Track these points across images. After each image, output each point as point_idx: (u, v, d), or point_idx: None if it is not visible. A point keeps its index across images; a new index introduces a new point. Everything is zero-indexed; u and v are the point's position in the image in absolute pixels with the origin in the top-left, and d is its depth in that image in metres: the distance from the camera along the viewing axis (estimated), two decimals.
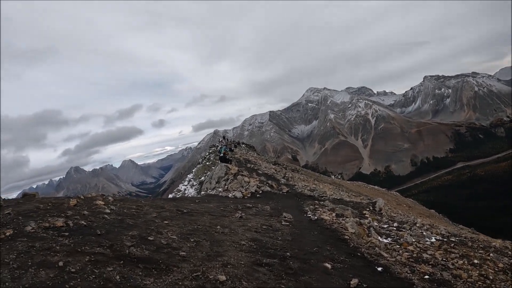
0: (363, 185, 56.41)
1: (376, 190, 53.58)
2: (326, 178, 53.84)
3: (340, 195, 26.52)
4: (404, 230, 11.22)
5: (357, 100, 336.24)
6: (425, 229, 12.41)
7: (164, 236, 7.07)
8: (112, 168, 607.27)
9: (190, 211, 10.47)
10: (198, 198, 17.66)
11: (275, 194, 19.38)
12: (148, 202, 11.63)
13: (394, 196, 50.71)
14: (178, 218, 9.13)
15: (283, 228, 9.28)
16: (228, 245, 7.04)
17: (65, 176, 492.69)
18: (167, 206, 10.89)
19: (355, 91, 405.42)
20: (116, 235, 6.60)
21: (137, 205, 10.17)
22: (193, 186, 35.03)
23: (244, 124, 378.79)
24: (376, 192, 48.29)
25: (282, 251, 7.08)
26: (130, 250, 5.87)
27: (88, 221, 7.33)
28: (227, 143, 49.78)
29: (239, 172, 24.32)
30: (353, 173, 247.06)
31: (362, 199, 31.02)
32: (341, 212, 12.75)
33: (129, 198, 12.52)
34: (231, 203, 15.03)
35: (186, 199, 15.68)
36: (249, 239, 7.66)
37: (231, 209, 12.51)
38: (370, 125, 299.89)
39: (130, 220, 7.99)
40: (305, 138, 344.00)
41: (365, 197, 34.69)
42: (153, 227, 7.59)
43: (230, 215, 10.57)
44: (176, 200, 15.01)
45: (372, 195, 40.35)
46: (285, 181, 26.18)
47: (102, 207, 8.97)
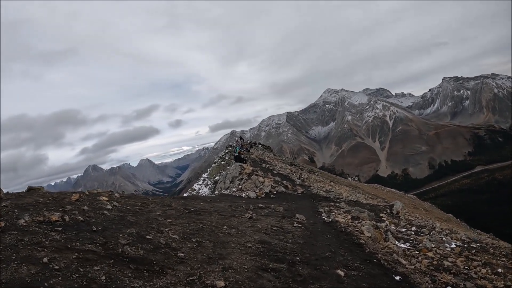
0: (380, 188, 55.24)
1: (393, 193, 52.49)
2: (343, 180, 52.89)
3: (356, 197, 25.75)
4: (422, 235, 10.49)
5: (375, 102, 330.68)
6: (444, 234, 11.68)
7: (165, 235, 6.59)
8: (129, 167, 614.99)
9: (198, 210, 9.99)
10: (210, 197, 17.24)
11: (290, 195, 18.85)
12: (156, 199, 11.20)
13: (412, 200, 49.52)
14: (184, 216, 8.66)
15: (294, 230, 8.68)
16: (233, 247, 6.49)
17: (82, 174, 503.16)
18: (175, 204, 10.44)
19: (373, 92, 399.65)
20: (113, 233, 6.17)
21: (142, 202, 9.75)
22: (208, 185, 34.62)
23: (261, 125, 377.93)
24: (393, 195, 47.24)
25: (292, 255, 6.47)
26: (124, 248, 5.41)
27: (86, 216, 6.94)
28: (243, 143, 49.29)
29: (253, 172, 23.81)
30: (370, 176, 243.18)
31: (378, 202, 30.11)
32: (357, 214, 12.08)
33: (136, 195, 12.14)
34: (244, 203, 14.54)
35: (197, 198, 15.25)
36: (257, 241, 7.09)
37: (242, 209, 11.99)
38: (387, 127, 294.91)
39: (131, 217, 7.55)
40: (322, 140, 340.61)
41: (381, 199, 33.78)
42: (154, 225, 7.13)
43: (240, 215, 10.03)
44: (186, 198, 14.58)
45: (389, 198, 39.46)
46: (301, 182, 25.54)
47: (104, 203, 8.56)
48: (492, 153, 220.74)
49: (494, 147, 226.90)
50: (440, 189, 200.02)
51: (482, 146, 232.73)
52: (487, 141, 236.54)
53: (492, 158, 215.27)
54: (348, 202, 17.83)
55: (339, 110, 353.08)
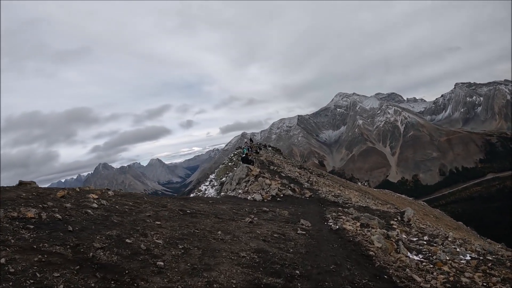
0: (390, 193, 54.18)
1: (403, 199, 51.45)
2: (353, 184, 51.88)
3: (366, 203, 24.87)
4: (436, 245, 9.64)
5: (387, 107, 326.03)
6: (458, 244, 10.80)
7: (148, 239, 5.89)
8: (139, 166, 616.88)
9: (195, 212, 9.29)
10: (213, 198, 16.57)
11: (297, 199, 18.07)
12: (152, 199, 10.55)
13: (422, 206, 48.36)
14: (176, 219, 7.96)
15: (297, 237, 7.86)
16: (224, 256, 5.70)
17: (93, 172, 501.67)
18: (171, 205, 9.77)
19: (385, 97, 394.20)
20: (90, 234, 5.53)
21: (135, 202, 9.11)
22: (214, 186, 34.02)
23: (272, 128, 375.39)
24: (403, 201, 46.28)
25: (291, 267, 5.65)
26: (96, 253, 4.74)
27: (66, 215, 6.33)
28: (252, 145, 48.56)
29: (260, 174, 23.05)
30: (380, 181, 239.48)
31: (389, 208, 29.17)
32: (367, 221, 11.24)
33: (133, 194, 11.51)
34: (248, 205, 13.83)
35: (199, 199, 14.56)
36: (253, 250, 6.30)
37: (244, 212, 11.27)
38: (399, 132, 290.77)
39: (116, 218, 6.90)
40: (333, 144, 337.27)
41: (391, 205, 32.85)
42: (140, 228, 6.45)
43: (240, 219, 9.28)
44: (187, 199, 13.89)
45: (399, 204, 38.57)
46: (309, 185, 24.73)
47: (91, 201, 7.93)
48: (504, 160, 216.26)
49: (506, 155, 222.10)
50: (451, 196, 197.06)
51: (494, 154, 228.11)
52: (499, 148, 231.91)
53: (503, 165, 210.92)
54: (358, 207, 17.03)
55: (350, 114, 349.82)
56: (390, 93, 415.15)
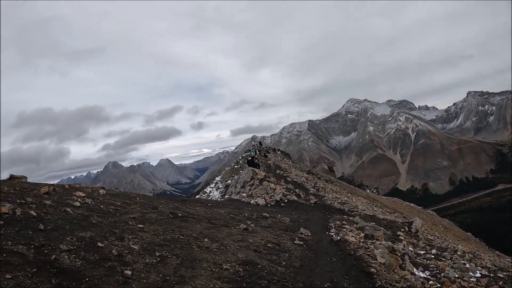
0: (398, 202, 53.03)
1: (412, 207, 50.29)
2: (361, 191, 50.90)
3: (373, 211, 24.09)
4: (444, 260, 9.00)
5: (398, 114, 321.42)
6: (467, 259, 10.11)
7: (124, 244, 5.35)
8: (148, 166, 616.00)
9: (187, 215, 8.74)
10: (213, 201, 16.03)
11: (301, 205, 17.46)
12: (145, 200, 10.04)
13: (430, 216, 47.14)
14: (163, 222, 7.41)
15: (293, 249, 7.21)
16: (204, 267, 5.09)
17: (102, 170, 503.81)
18: (163, 207, 9.25)
19: (396, 104, 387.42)
20: (61, 234, 5.05)
21: (124, 202, 8.62)
22: (219, 189, 33.45)
23: (282, 132, 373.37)
24: (412, 210, 45.22)
25: (280, 284, 4.99)
26: (60, 256, 4.23)
27: (42, 212, 5.90)
28: (261, 148, 47.96)
29: (265, 178, 22.43)
30: (389, 189, 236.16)
31: (396, 217, 28.29)
32: (371, 232, 10.56)
33: (126, 194, 11.04)
34: (248, 210, 13.27)
35: (198, 202, 14.02)
36: (240, 262, 5.67)
37: (242, 217, 10.71)
38: (409, 140, 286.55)
39: (96, 218, 6.40)
40: (343, 150, 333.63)
41: (400, 214, 31.94)
42: (118, 231, 5.93)
43: (235, 225, 8.68)
44: (184, 201, 13.37)
45: (408, 212, 37.66)
46: (315, 191, 24.06)
47: (75, 199, 7.44)
48: None
49: None
50: (460, 206, 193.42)
51: (505, 164, 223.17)
52: (510, 158, 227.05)
53: None
54: (364, 216, 16.36)
55: (361, 120, 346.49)
56: (401, 100, 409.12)
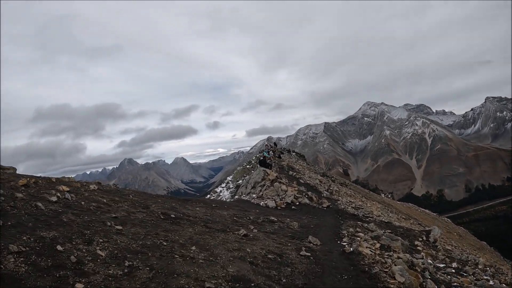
0: (413, 208, 51.63)
1: (426, 214, 48.91)
2: (376, 196, 49.53)
3: (388, 217, 22.86)
4: (466, 275, 7.96)
5: (415, 118, 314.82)
6: (490, 274, 9.15)
7: (90, 249, 4.43)
8: (163, 164, 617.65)
9: (181, 217, 7.80)
10: (219, 202, 15.11)
11: (313, 208, 16.44)
12: (138, 198, 9.18)
13: (445, 223, 45.71)
14: (149, 224, 6.47)
15: (298, 261, 6.13)
16: (181, 284, 4.05)
17: (118, 166, 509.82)
18: (156, 206, 8.34)
19: (413, 108, 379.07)
20: (18, 233, 4.24)
21: (112, 200, 7.75)
22: (229, 189, 32.63)
23: (298, 134, 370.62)
24: (427, 216, 43.96)
25: None
26: (6, 259, 3.41)
27: (9, 205, 5.21)
28: (276, 149, 46.98)
29: (277, 179, 21.43)
30: (403, 194, 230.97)
31: (412, 224, 27.05)
32: (388, 243, 9.45)
33: (120, 191, 10.19)
34: (255, 212, 12.34)
35: (201, 202, 13.13)
36: (229, 278, 4.63)
37: (246, 221, 9.74)
38: (426, 145, 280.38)
39: (69, 216, 5.53)
40: (358, 153, 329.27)
41: (414, 220, 30.72)
42: (89, 232, 5.01)
43: (234, 230, 7.68)
44: (186, 201, 12.46)
45: (422, 219, 36.69)
46: (328, 194, 22.95)
47: (53, 193, 6.60)
48: None
49: None
50: (475, 213, 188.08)
51: None
52: None
53: None
54: (379, 223, 15.25)
55: (377, 124, 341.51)
56: (419, 104, 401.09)
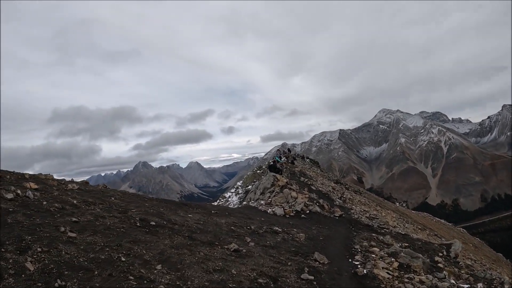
0: (428, 217, 49.62)
1: (442, 224, 46.93)
2: (390, 204, 47.75)
3: (404, 228, 21.33)
4: None
5: (431, 126, 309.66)
6: None
7: (18, 260, 3.49)
8: (178, 168, 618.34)
9: (163, 225, 6.60)
10: (221, 208, 13.92)
11: (324, 217, 15.10)
12: (119, 200, 8.07)
13: (461, 233, 43.76)
14: (115, 233, 5.30)
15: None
16: None
17: (132, 169, 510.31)
18: (137, 211, 7.19)
19: (429, 116, 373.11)
20: None
21: (83, 201, 6.67)
22: (238, 194, 31.36)
23: (312, 140, 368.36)
24: (442, 227, 42.18)
25: None
26: None
27: None
28: (289, 155, 45.70)
29: (287, 185, 20.09)
30: (418, 203, 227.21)
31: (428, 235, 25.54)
32: (407, 261, 8.05)
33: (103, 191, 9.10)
34: (259, 221, 11.12)
35: (199, 207, 11.95)
36: None
37: (244, 231, 8.51)
38: (441, 153, 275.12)
39: (18, 217, 4.72)
40: (373, 161, 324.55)
41: (430, 231, 29.09)
42: (31, 238, 4.03)
43: (224, 244, 6.40)
44: (183, 205, 11.30)
45: (438, 229, 35.36)
46: (341, 202, 21.52)
47: (11, 190, 5.63)
48: None
49: None
50: (490, 224, 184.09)
51: None
52: None
53: None
54: (395, 235, 13.86)
55: (393, 131, 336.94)
56: (434, 112, 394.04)
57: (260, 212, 15.34)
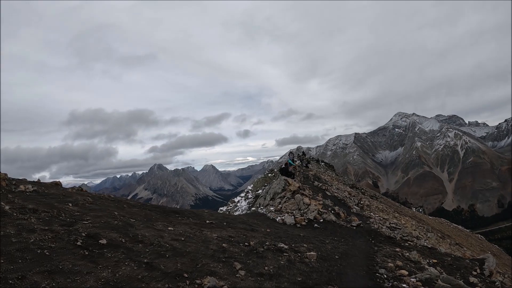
0: (445, 223, 47.60)
1: (459, 230, 44.82)
2: (407, 210, 45.70)
3: (428, 239, 19.18)
4: None
5: (447, 129, 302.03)
6: None
7: None
8: (193, 171, 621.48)
9: (119, 244, 4.88)
10: (221, 216, 12.09)
11: (340, 228, 13.31)
12: (77, 208, 6.36)
13: (479, 240, 41.91)
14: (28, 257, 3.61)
15: None
16: None
17: (147, 171, 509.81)
18: (91, 222, 5.51)
19: (445, 119, 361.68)
20: None
21: (19, 207, 5.05)
22: (248, 199, 29.60)
23: (328, 144, 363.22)
24: (460, 233, 40.45)
25: None
26: None
27: None
28: (303, 158, 43.95)
29: (299, 190, 18.20)
30: (434, 208, 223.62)
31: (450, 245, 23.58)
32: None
33: (64, 195, 7.44)
34: (263, 234, 9.44)
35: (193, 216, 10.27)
36: None
37: (238, 250, 6.70)
38: (458, 158, 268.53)
39: None
40: (389, 165, 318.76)
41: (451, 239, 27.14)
42: None
43: (196, 277, 4.51)
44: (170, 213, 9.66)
45: (456, 236, 34.20)
46: (359, 209, 19.59)
47: None
48: None
49: None
50: (507, 230, 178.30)
51: None
52: None
53: None
54: (421, 249, 11.94)
55: (408, 135, 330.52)
56: (451, 115, 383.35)
57: (268, 220, 13.67)
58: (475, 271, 9.42)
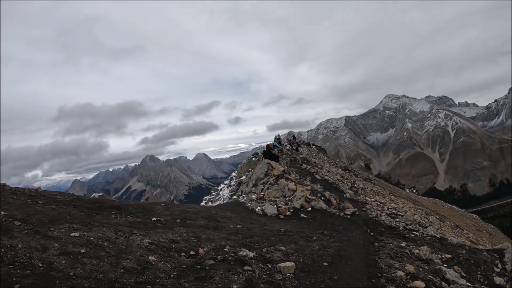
0: (440, 204, 46.20)
1: (454, 210, 43.59)
2: (401, 191, 44.04)
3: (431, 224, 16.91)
4: None
5: (437, 110, 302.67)
6: None
7: None
8: (185, 160, 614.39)
9: None
10: (176, 210, 9.75)
11: (332, 217, 11.20)
12: None
13: (474, 220, 40.66)
14: None
15: None
16: None
17: (140, 163, 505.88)
18: None
19: (435, 100, 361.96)
20: None
21: None
22: (231, 186, 27.22)
23: (319, 128, 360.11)
24: (454, 213, 38.98)
25: None
26: None
27: None
28: (293, 141, 41.55)
29: (284, 175, 15.75)
30: (426, 188, 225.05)
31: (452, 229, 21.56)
32: None
33: None
34: (229, 233, 7.61)
35: (136, 211, 7.97)
36: None
37: (167, 269, 4.44)
38: (449, 138, 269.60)
39: None
40: (380, 147, 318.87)
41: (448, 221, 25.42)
42: None
43: None
44: (100, 209, 7.29)
45: (451, 216, 32.04)
46: (353, 194, 17.31)
47: None
48: None
49: None
50: (499, 209, 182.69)
51: None
52: None
53: None
54: (429, 240, 9.87)
55: (399, 117, 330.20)
56: (441, 96, 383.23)
57: (245, 211, 11.82)
58: (496, 267, 8.10)
